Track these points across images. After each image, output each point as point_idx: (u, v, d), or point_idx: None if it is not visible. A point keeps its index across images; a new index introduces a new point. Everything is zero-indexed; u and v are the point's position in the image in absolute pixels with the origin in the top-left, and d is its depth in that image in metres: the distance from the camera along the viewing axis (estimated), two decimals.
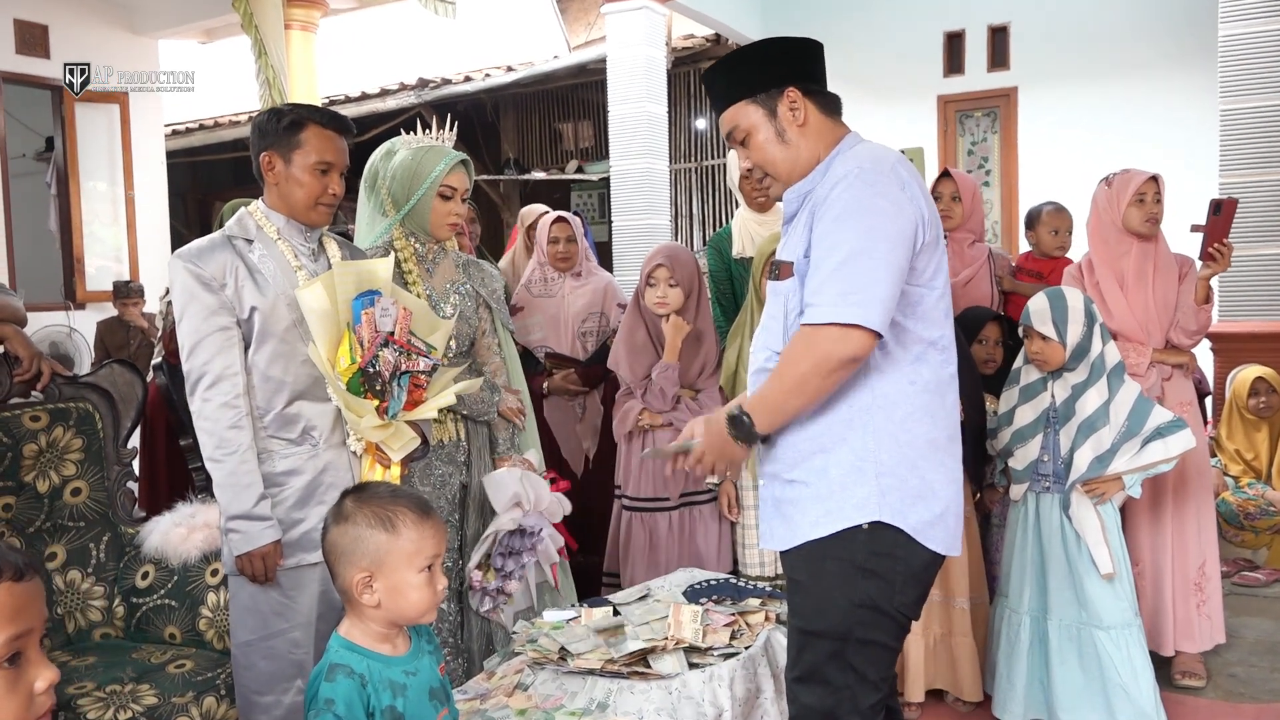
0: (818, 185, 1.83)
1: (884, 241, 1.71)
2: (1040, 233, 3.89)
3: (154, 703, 2.30)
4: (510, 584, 2.62)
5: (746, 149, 1.91)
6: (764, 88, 1.85)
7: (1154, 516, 3.14)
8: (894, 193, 1.75)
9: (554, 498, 2.71)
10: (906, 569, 1.81)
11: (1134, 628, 2.79)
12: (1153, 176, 3.11)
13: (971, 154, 7.12)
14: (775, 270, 1.91)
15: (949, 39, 7.08)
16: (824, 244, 1.74)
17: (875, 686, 1.84)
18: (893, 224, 1.73)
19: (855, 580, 1.80)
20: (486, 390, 2.69)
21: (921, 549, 1.81)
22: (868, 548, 1.79)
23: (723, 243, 3.64)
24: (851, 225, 1.72)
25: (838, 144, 1.87)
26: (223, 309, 2.14)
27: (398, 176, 2.57)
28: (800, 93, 1.85)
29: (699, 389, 3.22)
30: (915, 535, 1.79)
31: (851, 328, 1.68)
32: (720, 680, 2.19)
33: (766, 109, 1.86)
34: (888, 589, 1.80)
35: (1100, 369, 2.80)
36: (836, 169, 1.81)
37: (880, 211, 1.72)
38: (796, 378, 1.73)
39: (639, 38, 6.58)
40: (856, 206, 1.73)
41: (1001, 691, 2.91)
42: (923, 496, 1.80)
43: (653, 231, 6.65)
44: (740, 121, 1.88)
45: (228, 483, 2.11)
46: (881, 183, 1.75)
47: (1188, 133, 6.14)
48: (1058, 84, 6.74)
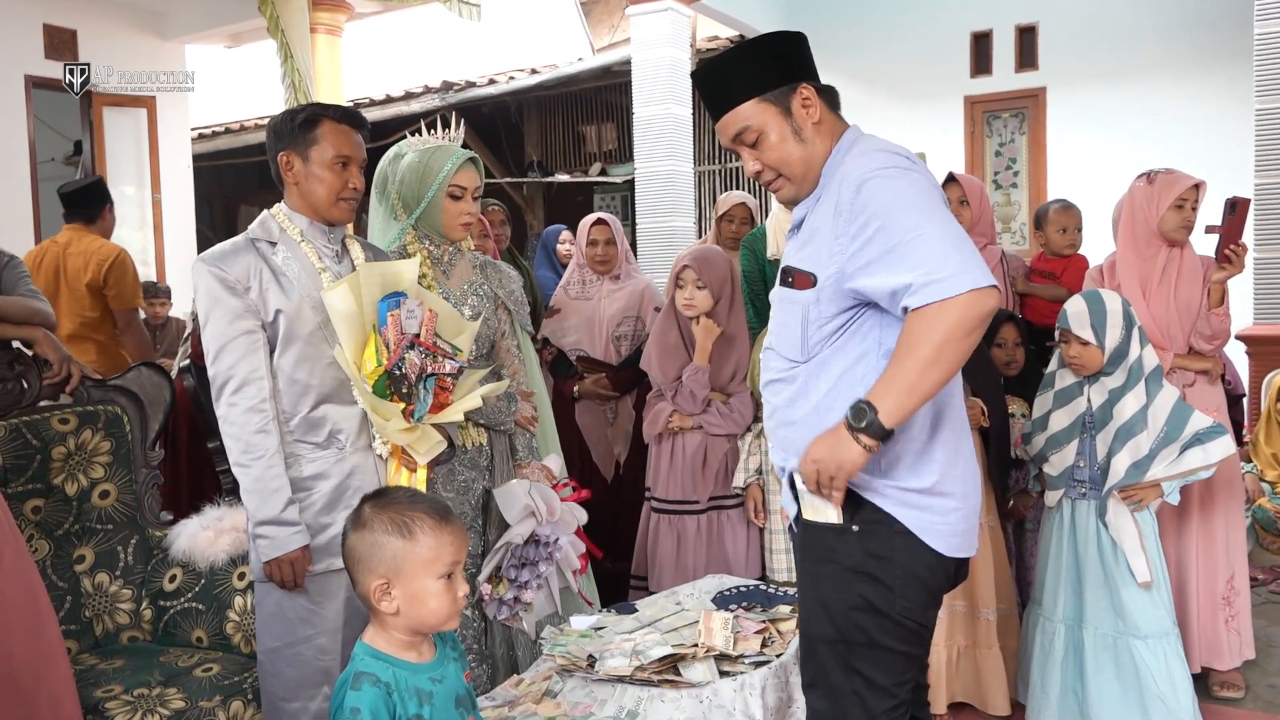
0: (828, 185, 1.79)
1: (943, 206, 1.71)
2: (1049, 232, 3.86)
3: (181, 707, 2.29)
4: (526, 593, 2.59)
5: (757, 150, 1.82)
6: (775, 84, 1.79)
7: (1180, 528, 3.06)
8: (922, 170, 1.75)
9: (566, 508, 2.66)
10: (907, 571, 1.75)
11: (1172, 637, 2.73)
12: (1197, 184, 3.05)
13: (999, 155, 7.05)
14: (788, 277, 1.83)
15: (976, 39, 7.02)
16: (884, 235, 1.66)
17: (888, 692, 1.79)
18: (936, 190, 1.74)
19: (850, 583, 1.76)
20: (504, 399, 2.65)
21: (925, 550, 1.75)
22: (863, 549, 1.75)
23: (756, 243, 3.61)
24: (912, 205, 1.67)
25: (840, 139, 1.83)
26: (247, 312, 2.12)
27: (406, 179, 2.53)
28: (813, 89, 1.81)
29: (730, 392, 3.19)
30: (919, 534, 1.74)
31: (982, 290, 1.59)
32: (752, 689, 2.15)
33: (780, 106, 1.80)
34: (887, 592, 1.76)
35: (1138, 373, 2.75)
36: (852, 169, 1.74)
37: (924, 189, 1.71)
38: (932, 349, 1.59)
39: (663, 39, 6.56)
40: (909, 188, 1.69)
41: (1035, 701, 2.86)
42: (928, 494, 1.75)
43: (677, 234, 6.63)
44: (751, 121, 1.80)
45: (255, 488, 2.09)
46: (904, 162, 1.73)
47: (1218, 133, 6.05)
48: (1087, 84, 6.66)
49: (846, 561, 1.76)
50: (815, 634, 1.82)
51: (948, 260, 1.61)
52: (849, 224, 1.70)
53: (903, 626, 1.78)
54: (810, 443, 1.72)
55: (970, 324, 1.61)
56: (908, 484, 1.75)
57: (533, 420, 2.78)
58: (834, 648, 1.79)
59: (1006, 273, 3.62)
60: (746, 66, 1.81)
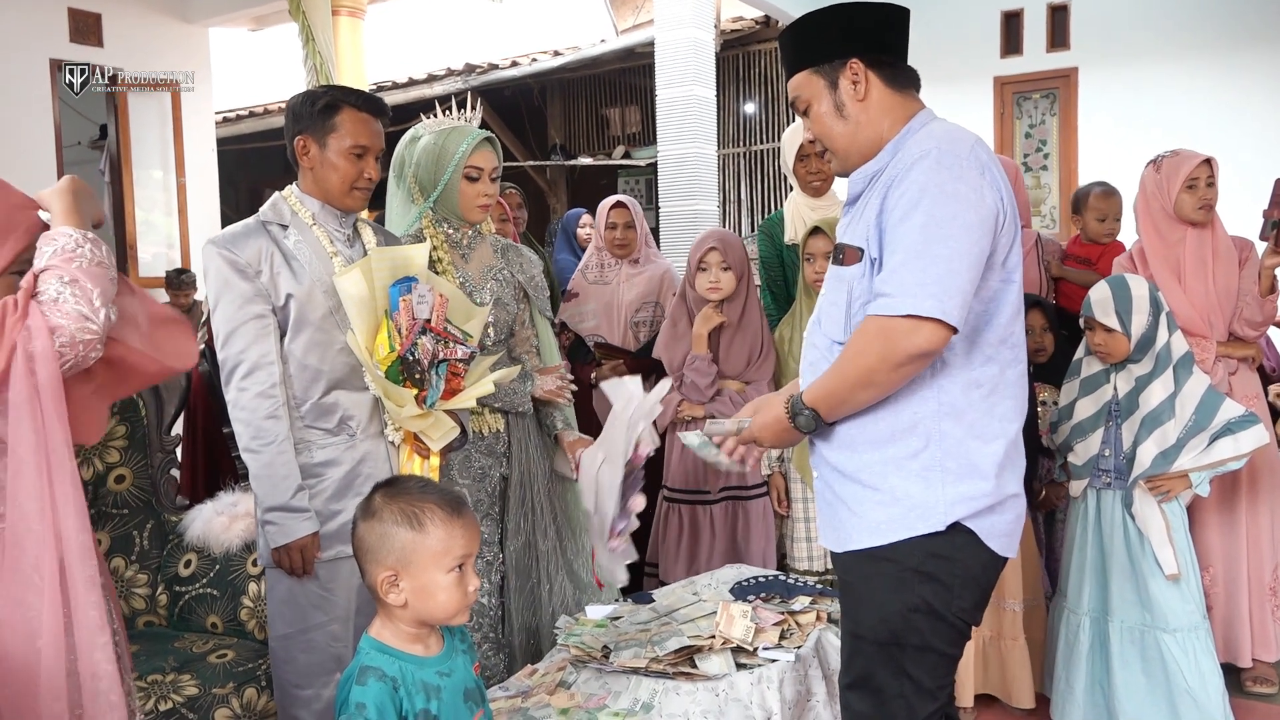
0: (887, 166, 1.72)
1: (962, 229, 1.60)
2: (1087, 218, 3.72)
3: (195, 693, 2.29)
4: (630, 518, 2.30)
5: (808, 119, 1.82)
6: (827, 58, 1.75)
7: (1226, 519, 2.99)
8: (973, 177, 1.63)
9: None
10: (965, 572, 1.72)
11: (1201, 630, 2.67)
12: (1205, 160, 2.95)
13: (1029, 137, 6.92)
14: (839, 254, 1.80)
15: (1006, 18, 6.87)
16: (898, 230, 1.63)
17: (932, 695, 1.75)
18: (972, 211, 1.61)
19: (911, 584, 1.71)
20: (519, 381, 2.60)
21: (984, 550, 1.72)
22: (926, 549, 1.70)
23: (774, 228, 3.55)
24: (929, 211, 1.60)
25: (908, 121, 1.76)
26: (258, 296, 2.09)
27: (422, 162, 2.50)
28: (865, 65, 1.74)
29: (749, 380, 3.13)
30: (982, 536, 1.70)
31: (925, 320, 1.57)
32: (769, 682, 2.11)
33: (828, 80, 1.76)
34: (946, 593, 1.71)
35: (1166, 360, 2.67)
36: (909, 150, 1.69)
37: (959, 197, 1.61)
38: (863, 370, 1.64)
39: (687, 20, 6.48)
40: (935, 191, 1.61)
41: (1060, 695, 2.81)
42: (989, 498, 1.70)
43: (700, 217, 6.56)
44: (803, 91, 1.79)
45: (264, 474, 2.07)
46: (960, 166, 1.63)
47: (1258, 114, 5.90)
48: (1121, 64, 6.51)
49: (909, 561, 1.70)
50: (867, 634, 1.76)
51: (920, 276, 1.58)
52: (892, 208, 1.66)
53: (955, 628, 1.74)
54: (761, 406, 1.84)
55: (900, 358, 1.60)
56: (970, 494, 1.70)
57: (560, 391, 2.67)
58: (886, 649, 1.74)
59: (1041, 257, 3.54)
60: (806, 36, 1.79)
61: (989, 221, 1.63)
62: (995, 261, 1.68)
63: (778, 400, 1.81)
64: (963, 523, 1.69)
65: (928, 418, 1.68)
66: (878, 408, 1.71)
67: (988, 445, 1.70)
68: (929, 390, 1.69)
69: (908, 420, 1.69)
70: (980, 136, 1.74)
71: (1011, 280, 1.72)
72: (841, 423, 1.75)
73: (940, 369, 1.69)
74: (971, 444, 1.69)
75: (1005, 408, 1.74)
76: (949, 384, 1.69)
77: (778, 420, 1.78)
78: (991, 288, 1.70)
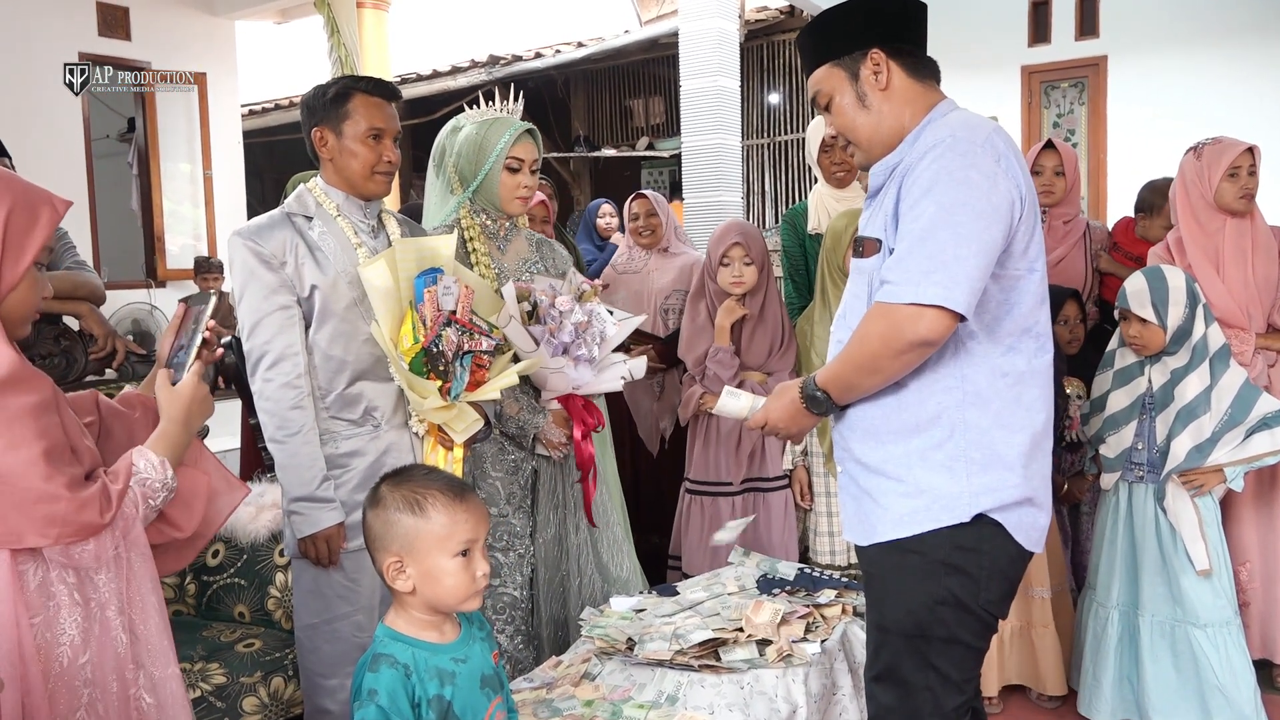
0: (905, 156, 1.71)
1: (972, 216, 1.58)
2: (1154, 221, 3.47)
3: (223, 682, 2.30)
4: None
5: (830, 113, 1.81)
6: (847, 50, 1.74)
7: (1264, 513, 2.95)
8: (988, 164, 1.61)
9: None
10: (993, 564, 1.70)
11: (1233, 626, 2.64)
12: (1248, 148, 2.90)
13: (1057, 126, 6.84)
14: (859, 247, 1.79)
15: (1034, 6, 6.79)
16: (908, 218, 1.62)
17: (959, 688, 1.74)
18: (985, 198, 1.59)
19: (938, 576, 1.69)
20: (529, 414, 2.54)
21: (1010, 542, 1.70)
22: (953, 541, 1.68)
23: (798, 218, 3.53)
24: (938, 197, 1.59)
25: (929, 111, 1.74)
26: (283, 287, 2.10)
27: (463, 152, 2.50)
28: (885, 54, 1.73)
29: (771, 371, 3.11)
30: (1010, 529, 1.68)
31: (929, 308, 1.56)
32: (795, 675, 2.10)
33: (849, 72, 1.75)
34: (972, 585, 1.70)
35: (1203, 353, 2.63)
36: (926, 138, 1.68)
37: (971, 184, 1.59)
38: (867, 356, 1.65)
39: (711, 10, 6.44)
40: (946, 178, 1.60)
41: (1087, 689, 2.78)
42: (1015, 490, 1.68)
43: (725, 208, 6.53)
44: (823, 85, 1.79)
45: (290, 464, 2.08)
46: (975, 153, 1.61)
47: None
48: (1150, 52, 6.41)
49: (936, 554, 1.69)
50: (893, 627, 1.75)
51: (926, 263, 1.57)
52: (905, 195, 1.65)
53: (981, 621, 1.73)
54: (777, 392, 1.86)
55: (901, 345, 1.60)
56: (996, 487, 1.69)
57: (559, 446, 2.56)
58: (911, 642, 1.73)
59: (1088, 248, 3.47)
60: (826, 30, 1.79)
61: (1003, 209, 1.61)
62: (1015, 250, 1.66)
63: (793, 386, 1.82)
64: (989, 515, 1.67)
65: (952, 407, 1.67)
66: (902, 398, 1.69)
67: (1014, 435, 1.69)
68: (953, 380, 1.67)
69: (932, 411, 1.68)
70: (1000, 125, 1.72)
71: (1034, 269, 1.70)
72: (866, 414, 1.75)
73: (965, 358, 1.67)
74: (997, 434, 1.67)
75: (1032, 397, 1.71)
76: (974, 373, 1.67)
77: (792, 403, 1.81)
78: (1011, 276, 1.67)
